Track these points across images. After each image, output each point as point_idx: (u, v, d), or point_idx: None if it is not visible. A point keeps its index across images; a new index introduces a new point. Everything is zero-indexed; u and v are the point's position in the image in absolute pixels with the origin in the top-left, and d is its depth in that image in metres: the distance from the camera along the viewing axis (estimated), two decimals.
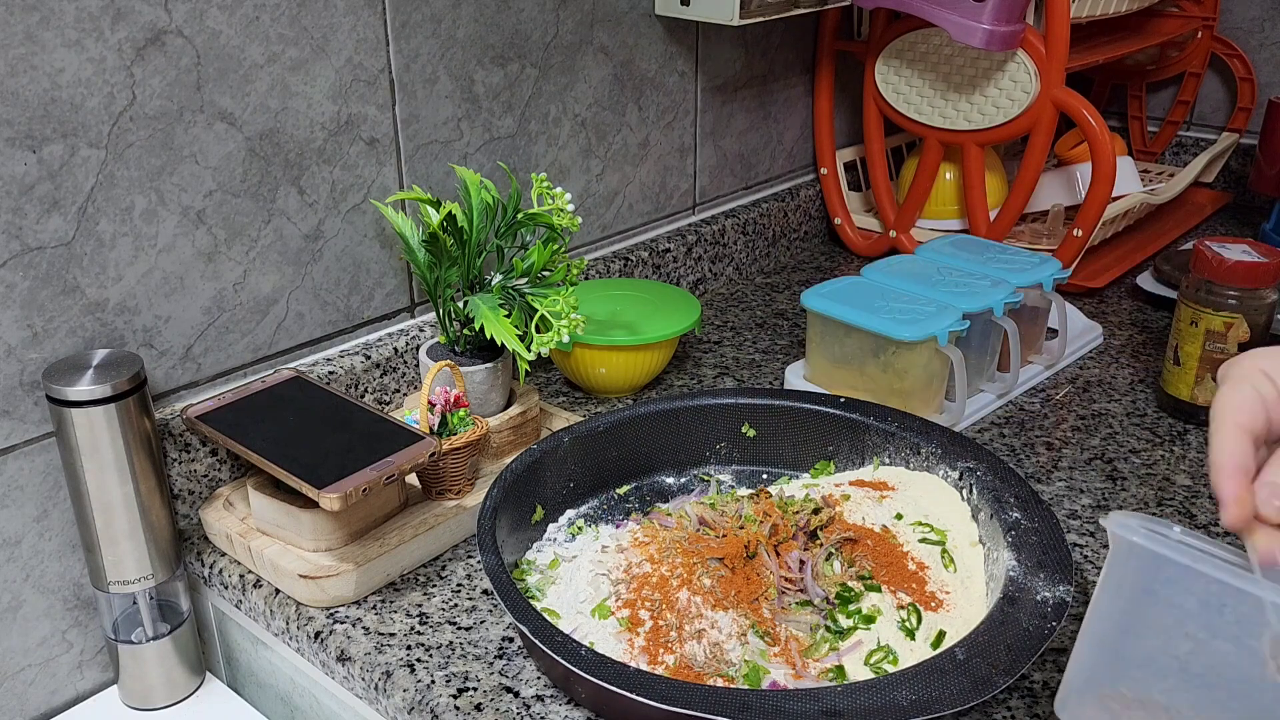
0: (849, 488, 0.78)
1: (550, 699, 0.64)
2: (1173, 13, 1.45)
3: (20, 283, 0.70)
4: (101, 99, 0.71)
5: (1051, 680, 0.66)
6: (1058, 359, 1.05)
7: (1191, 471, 0.88)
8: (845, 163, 1.40)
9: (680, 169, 1.20)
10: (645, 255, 1.15)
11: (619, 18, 1.06)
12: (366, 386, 0.91)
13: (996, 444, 0.92)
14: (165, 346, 0.79)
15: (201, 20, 0.75)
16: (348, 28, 0.84)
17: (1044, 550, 0.66)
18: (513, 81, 0.98)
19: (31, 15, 0.67)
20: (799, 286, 1.28)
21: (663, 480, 0.85)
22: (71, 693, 0.80)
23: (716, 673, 0.62)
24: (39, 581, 0.76)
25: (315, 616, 0.72)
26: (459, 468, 0.79)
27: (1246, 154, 1.53)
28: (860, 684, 0.57)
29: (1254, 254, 0.91)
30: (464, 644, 0.69)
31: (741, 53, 1.22)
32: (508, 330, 0.79)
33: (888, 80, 1.26)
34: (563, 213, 0.83)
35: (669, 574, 0.67)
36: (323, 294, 0.88)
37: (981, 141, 1.20)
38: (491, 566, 0.65)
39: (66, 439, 0.69)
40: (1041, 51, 1.11)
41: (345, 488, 0.68)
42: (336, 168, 0.86)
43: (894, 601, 0.67)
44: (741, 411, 0.85)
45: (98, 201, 0.73)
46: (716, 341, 1.13)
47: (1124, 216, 1.30)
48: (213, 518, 0.79)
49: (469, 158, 0.96)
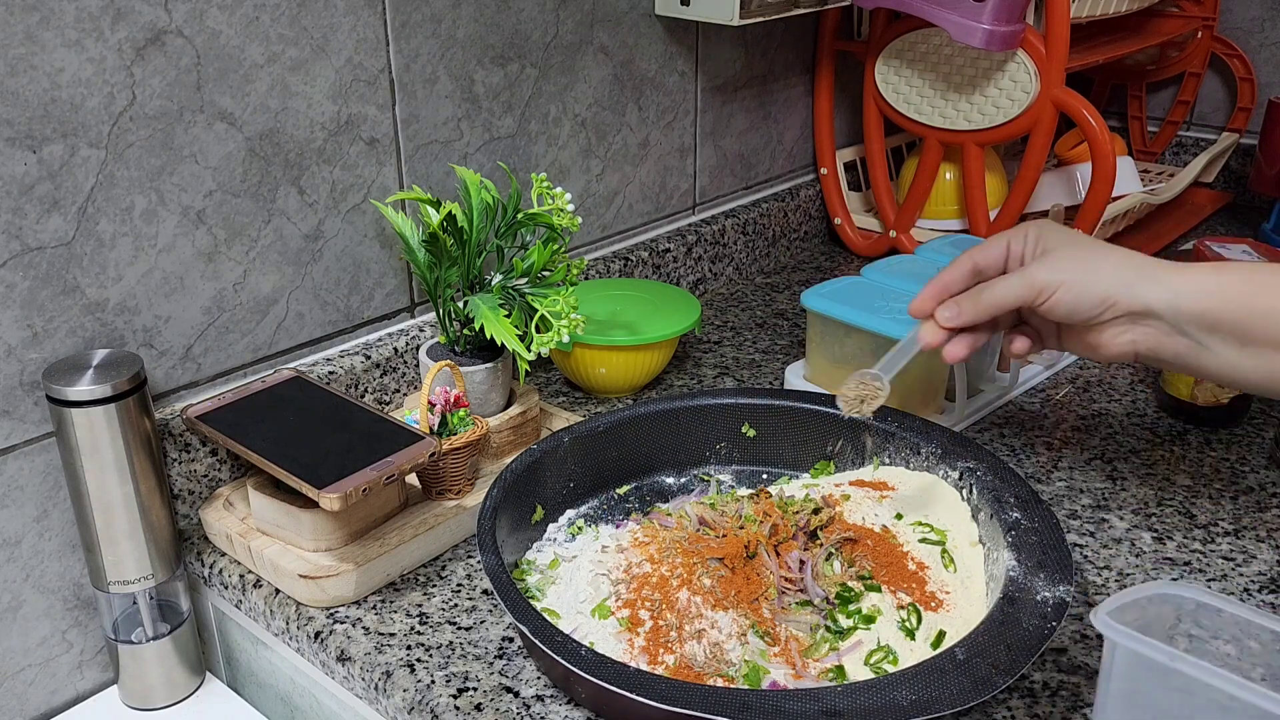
0: (849, 488, 0.78)
1: (550, 699, 0.64)
2: (1173, 13, 1.45)
3: (20, 283, 0.70)
4: (101, 99, 0.71)
5: (1051, 680, 0.66)
6: (1058, 359, 1.05)
7: (1191, 471, 0.88)
8: (845, 163, 1.40)
9: (680, 169, 1.20)
10: (645, 255, 1.15)
11: (619, 18, 1.06)
12: (366, 386, 0.91)
13: (996, 444, 0.92)
14: (165, 346, 0.79)
15: (201, 20, 0.75)
16: (348, 28, 0.84)
17: (1044, 550, 0.66)
18: (513, 81, 0.98)
19: (31, 15, 0.67)
20: (799, 286, 1.28)
21: (663, 480, 0.85)
22: (71, 693, 0.80)
23: (716, 673, 0.62)
24: (39, 581, 0.76)
25: (315, 616, 0.72)
26: (459, 468, 0.79)
27: (1246, 154, 1.53)
28: (860, 684, 0.57)
29: (1254, 254, 0.91)
30: (464, 644, 0.69)
31: (741, 53, 1.22)
32: (508, 330, 0.79)
33: (888, 80, 1.26)
34: (563, 213, 0.83)
35: (669, 574, 0.67)
36: (323, 294, 0.88)
37: (981, 141, 1.20)
38: (491, 566, 0.65)
39: (66, 439, 0.69)
40: (1041, 51, 1.11)
41: (345, 488, 0.68)
42: (336, 168, 0.86)
43: (894, 601, 0.67)
44: (741, 411, 0.85)
45: (98, 201, 0.73)
46: (716, 341, 1.13)
47: (1124, 217, 1.30)
48: (213, 518, 0.79)
49: (469, 158, 0.96)
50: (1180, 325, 0.66)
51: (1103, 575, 0.76)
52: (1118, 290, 0.66)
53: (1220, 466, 0.89)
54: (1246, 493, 0.85)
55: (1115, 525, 0.81)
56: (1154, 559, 0.77)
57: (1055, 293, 0.67)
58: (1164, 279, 0.66)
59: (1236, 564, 0.77)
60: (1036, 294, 0.68)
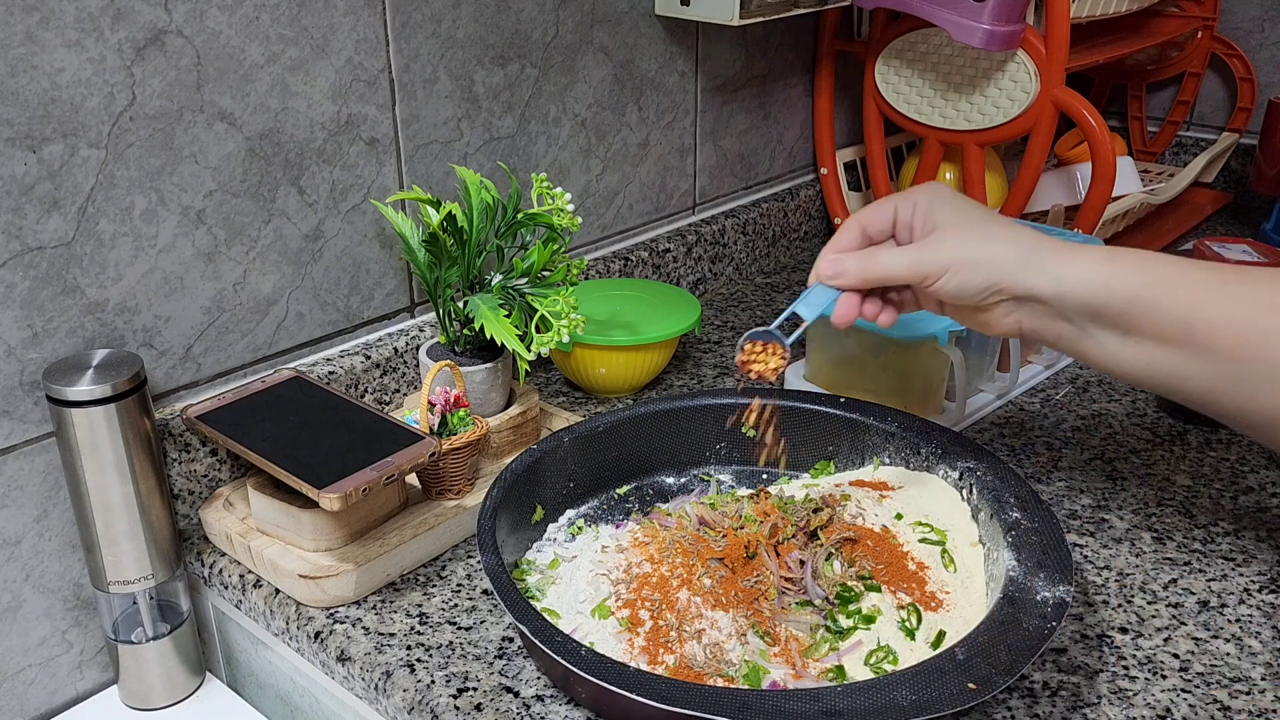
0: (849, 488, 0.78)
1: (550, 699, 0.64)
2: (1173, 13, 1.45)
3: (20, 283, 0.70)
4: (101, 99, 0.71)
5: (1051, 680, 0.66)
6: (1057, 359, 1.05)
7: (1191, 471, 0.88)
8: (845, 163, 1.40)
9: (680, 169, 1.20)
10: (645, 255, 1.15)
11: (619, 18, 1.06)
12: (366, 386, 0.91)
13: (996, 444, 0.92)
14: (165, 346, 0.79)
15: (201, 20, 0.75)
16: (348, 28, 0.84)
17: (1044, 550, 0.66)
18: (513, 81, 0.98)
19: (31, 15, 0.67)
20: (799, 286, 1.28)
21: (663, 480, 0.85)
22: (71, 693, 0.80)
23: (716, 673, 0.62)
24: (39, 581, 0.76)
25: (315, 616, 0.72)
26: (459, 468, 0.79)
27: (1246, 154, 1.53)
28: (860, 684, 0.57)
29: (1254, 254, 0.91)
30: (464, 644, 0.69)
31: (741, 53, 1.22)
32: (508, 330, 0.79)
33: (888, 80, 1.26)
34: (563, 213, 0.83)
35: (669, 574, 0.67)
36: (323, 294, 0.88)
37: (981, 141, 1.20)
38: (491, 566, 0.65)
39: (66, 439, 0.69)
40: (1041, 51, 1.11)
41: (345, 488, 0.68)
42: (336, 168, 0.86)
43: (894, 601, 0.67)
44: (742, 411, 0.85)
45: (98, 201, 0.73)
46: (716, 341, 1.13)
47: (1124, 216, 1.30)
48: (213, 518, 0.79)
49: (469, 158, 0.96)
50: (1064, 312, 0.66)
51: (1103, 575, 0.76)
52: (1003, 277, 0.66)
53: (1220, 466, 0.89)
54: (1246, 493, 0.85)
55: (1115, 525, 0.81)
56: (1154, 559, 0.77)
57: (941, 277, 0.67)
58: (1050, 267, 0.65)
59: (1236, 564, 0.77)
60: (923, 277, 0.67)
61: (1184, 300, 0.63)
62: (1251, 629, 0.71)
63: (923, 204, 0.69)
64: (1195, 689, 0.66)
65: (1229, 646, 0.69)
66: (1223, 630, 0.71)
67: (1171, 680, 0.66)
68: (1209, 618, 0.72)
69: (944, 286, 0.67)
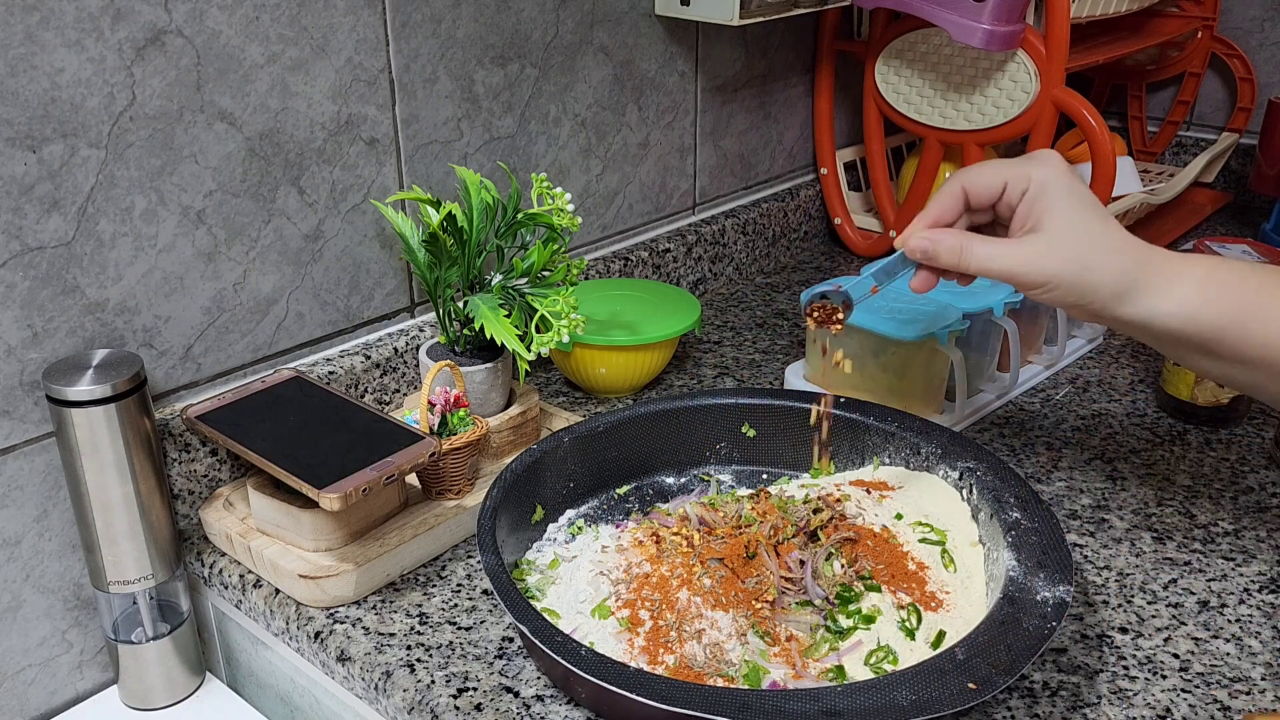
0: (849, 488, 0.78)
1: (550, 699, 0.64)
2: (1173, 13, 1.45)
3: (20, 283, 0.70)
4: (101, 99, 0.71)
5: (1051, 680, 0.66)
6: (1058, 359, 1.05)
7: (1191, 471, 0.88)
8: (845, 163, 1.40)
9: (680, 169, 1.20)
10: (645, 255, 1.15)
11: (619, 18, 1.06)
12: (366, 386, 0.91)
13: (996, 444, 0.92)
14: (165, 346, 0.79)
15: (201, 20, 0.75)
16: (348, 28, 0.84)
17: (1044, 550, 0.66)
18: (513, 81, 0.98)
19: (31, 15, 0.67)
20: (799, 286, 1.28)
21: (663, 480, 0.85)
22: (71, 693, 0.80)
23: (716, 673, 0.62)
24: (39, 581, 0.76)
25: (315, 616, 0.72)
26: (459, 468, 0.79)
27: (1246, 154, 1.53)
28: (860, 684, 0.57)
29: (1254, 254, 0.91)
30: (464, 644, 0.69)
31: (741, 53, 1.22)
32: (508, 330, 0.79)
33: (888, 80, 1.26)
34: (563, 213, 0.83)
35: (669, 574, 0.67)
36: (323, 294, 0.88)
37: (981, 141, 1.20)
38: (491, 566, 0.65)
39: (66, 439, 0.69)
40: (1041, 51, 1.11)
41: (345, 488, 0.68)
42: (336, 168, 0.86)
43: (894, 601, 0.67)
44: (741, 411, 0.85)
45: (98, 201, 0.73)
46: (716, 341, 1.13)
47: (1124, 217, 1.30)
48: (213, 518, 0.79)
49: (469, 158, 0.96)
50: (1152, 335, 0.67)
51: (1103, 575, 0.76)
52: (1095, 302, 0.66)
53: (1220, 466, 0.89)
54: (1246, 493, 0.85)
55: (1115, 525, 0.81)
56: (1154, 559, 0.77)
57: (1036, 289, 0.66)
58: (1143, 300, 0.65)
59: (1236, 564, 0.77)
60: (1018, 285, 0.67)
61: (1275, 330, 0.64)
62: (1251, 629, 0.71)
63: (1034, 189, 0.66)
64: (1195, 689, 0.66)
65: (1229, 646, 0.69)
66: (1223, 630, 0.71)
67: (1171, 680, 0.66)
68: (1209, 618, 0.72)
69: (1037, 296, 0.67)
